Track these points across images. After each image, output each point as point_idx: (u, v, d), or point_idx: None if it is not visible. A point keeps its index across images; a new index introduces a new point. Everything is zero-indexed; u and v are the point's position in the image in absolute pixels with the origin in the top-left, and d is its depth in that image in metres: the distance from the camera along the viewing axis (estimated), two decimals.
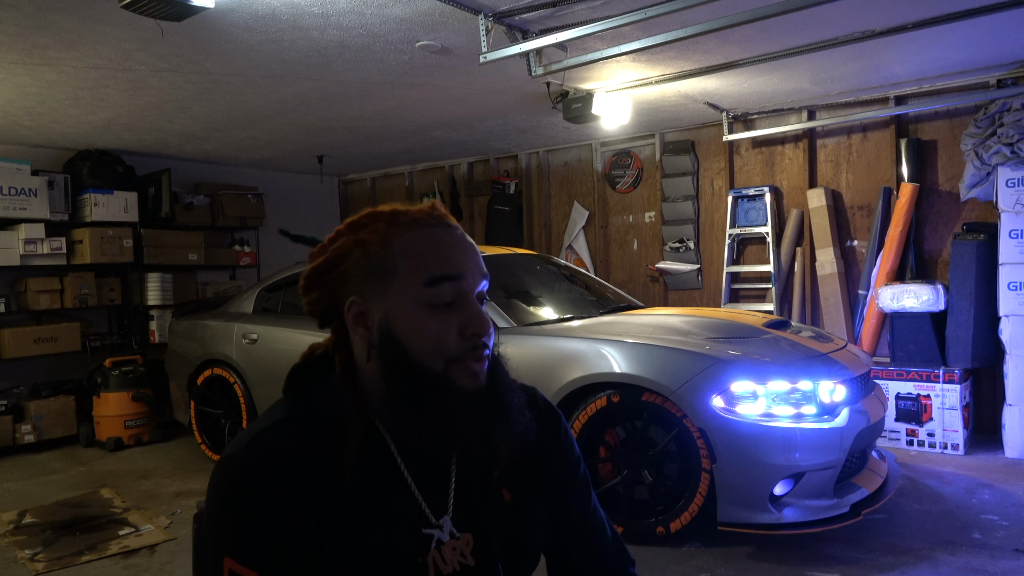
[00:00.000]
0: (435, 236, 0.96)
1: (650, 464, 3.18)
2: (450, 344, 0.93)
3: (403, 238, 0.96)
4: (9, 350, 5.36)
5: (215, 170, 7.05)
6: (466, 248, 0.98)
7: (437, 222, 0.98)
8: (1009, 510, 3.48)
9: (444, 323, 0.93)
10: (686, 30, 3.24)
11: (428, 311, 0.93)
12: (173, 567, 3.22)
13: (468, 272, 0.95)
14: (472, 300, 0.95)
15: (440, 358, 0.93)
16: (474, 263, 0.97)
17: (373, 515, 0.94)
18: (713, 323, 3.59)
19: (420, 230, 0.96)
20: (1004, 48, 4.16)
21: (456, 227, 1.00)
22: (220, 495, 0.93)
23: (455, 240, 0.97)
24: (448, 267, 0.94)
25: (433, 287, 0.93)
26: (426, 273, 0.93)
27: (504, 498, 1.03)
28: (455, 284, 0.94)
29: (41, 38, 3.39)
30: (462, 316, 0.94)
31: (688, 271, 6.05)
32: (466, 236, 1.00)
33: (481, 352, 0.95)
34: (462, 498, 1.00)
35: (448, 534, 0.98)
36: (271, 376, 4.50)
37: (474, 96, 4.77)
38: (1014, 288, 4.39)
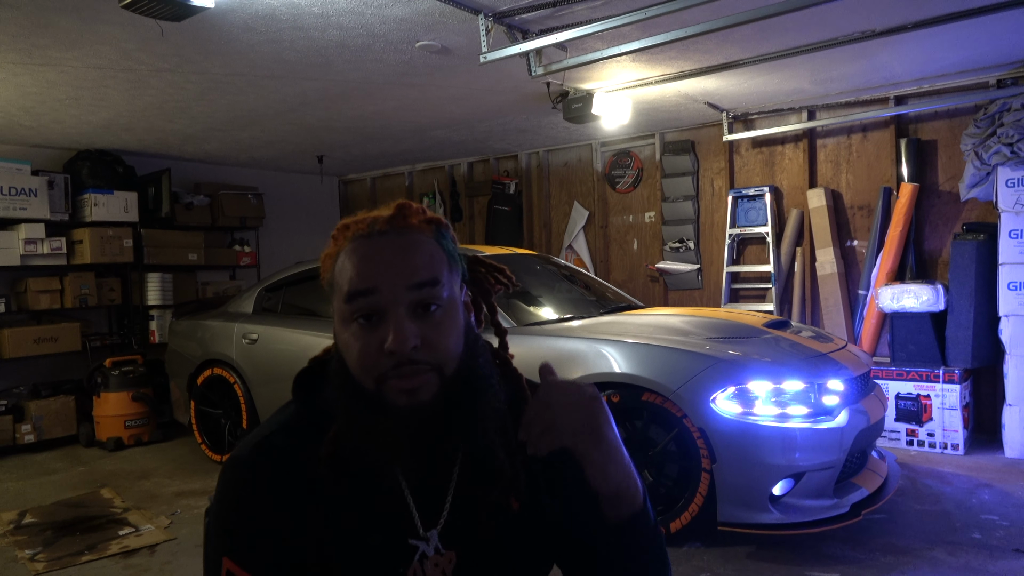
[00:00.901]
0: (361, 248, 0.92)
1: (650, 464, 3.18)
2: (370, 361, 0.89)
3: (344, 252, 0.93)
4: (9, 350, 5.36)
5: (215, 170, 7.05)
6: (388, 257, 0.90)
7: (371, 231, 0.92)
8: (1009, 510, 3.48)
9: (367, 339, 0.89)
10: (686, 30, 3.24)
11: (353, 328, 0.90)
12: (173, 567, 3.22)
13: (383, 285, 0.88)
14: (392, 315, 0.88)
15: (368, 377, 0.89)
16: (397, 272, 0.89)
17: (366, 521, 0.94)
18: (713, 323, 3.59)
19: (355, 242, 0.93)
20: (1004, 48, 4.16)
21: (390, 232, 0.92)
22: (225, 496, 0.95)
23: (378, 250, 0.91)
24: (360, 282, 0.89)
25: (350, 303, 0.90)
26: (345, 289, 0.91)
27: (512, 507, 0.98)
28: (368, 300, 0.89)
29: (41, 38, 3.39)
30: (381, 333, 0.88)
31: (688, 271, 6.05)
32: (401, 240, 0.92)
33: (406, 370, 0.88)
34: (457, 513, 0.97)
35: (433, 549, 0.95)
36: (271, 376, 4.50)
37: (474, 96, 4.77)
38: (1014, 288, 4.39)
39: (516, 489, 0.97)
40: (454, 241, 0.99)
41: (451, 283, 0.94)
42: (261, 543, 0.93)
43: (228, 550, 0.93)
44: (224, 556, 0.93)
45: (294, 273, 4.84)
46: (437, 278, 0.91)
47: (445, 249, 0.95)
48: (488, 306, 1.07)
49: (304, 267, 4.83)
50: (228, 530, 0.94)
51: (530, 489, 0.99)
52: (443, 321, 0.91)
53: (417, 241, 0.93)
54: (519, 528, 0.99)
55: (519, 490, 0.97)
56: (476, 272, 1.05)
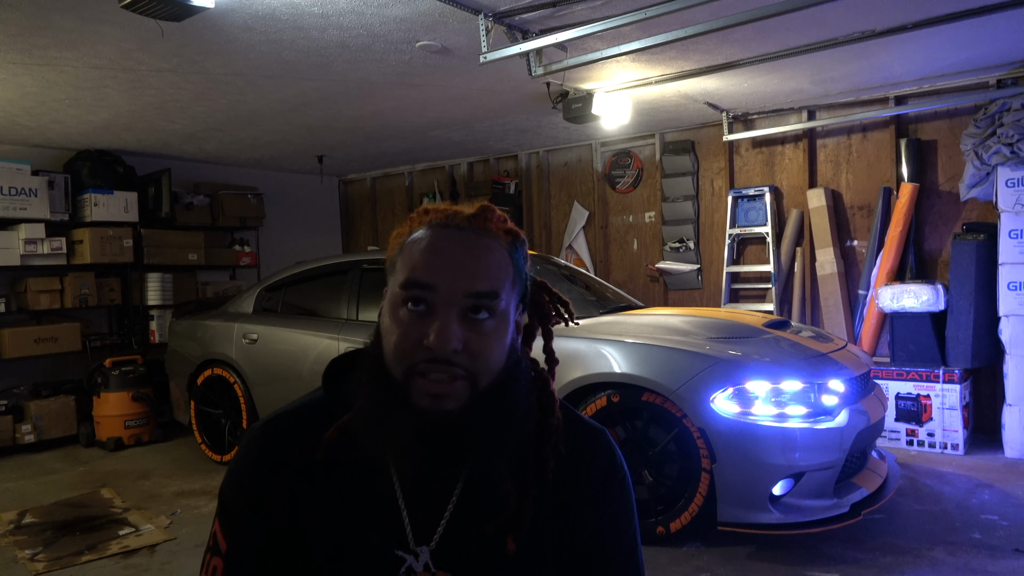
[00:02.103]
0: (433, 238, 0.90)
1: (650, 464, 3.18)
2: (406, 349, 0.86)
3: (413, 235, 0.92)
4: (9, 350, 5.36)
5: (215, 170, 7.05)
6: (457, 255, 0.88)
7: (450, 223, 0.91)
8: (1009, 510, 3.48)
9: (409, 328, 0.87)
10: (686, 30, 3.24)
11: (402, 312, 0.88)
12: (173, 567, 3.22)
13: (444, 282, 0.86)
14: (444, 313, 0.86)
15: (398, 364, 0.87)
16: (461, 274, 0.87)
17: (355, 519, 0.93)
18: (713, 323, 3.59)
19: (429, 229, 0.91)
20: (1004, 48, 4.16)
21: (468, 230, 0.90)
22: (234, 462, 1.00)
23: (450, 245, 0.89)
24: (421, 273, 0.87)
25: (406, 290, 0.88)
26: (406, 275, 0.88)
27: (507, 548, 0.91)
28: (423, 293, 0.87)
29: (41, 38, 3.39)
30: (425, 326, 0.86)
31: (688, 271, 6.05)
32: (476, 241, 0.90)
33: (440, 369, 0.85)
34: (452, 534, 0.92)
35: (423, 566, 0.91)
36: (271, 376, 4.50)
37: (474, 96, 4.77)
38: (1014, 288, 4.38)
39: (517, 527, 0.91)
40: (526, 258, 0.96)
41: (509, 298, 0.91)
42: (247, 517, 0.95)
43: (219, 513, 0.98)
44: (217, 518, 0.98)
45: (294, 273, 4.84)
46: (497, 291, 0.89)
47: (515, 263, 0.93)
48: (544, 332, 1.04)
49: (304, 267, 4.83)
50: (225, 495, 0.98)
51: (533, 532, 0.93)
52: (490, 333, 0.88)
53: (490, 247, 0.90)
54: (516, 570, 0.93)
55: (520, 528, 0.92)
56: (539, 297, 1.03)
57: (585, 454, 1.00)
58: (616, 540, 1.00)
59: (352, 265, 4.53)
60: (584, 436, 1.01)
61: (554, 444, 0.96)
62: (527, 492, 0.92)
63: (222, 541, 0.96)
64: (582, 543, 0.98)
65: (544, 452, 0.95)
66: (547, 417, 0.97)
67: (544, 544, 0.95)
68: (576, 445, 0.99)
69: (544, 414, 0.98)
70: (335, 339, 4.22)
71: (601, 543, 0.99)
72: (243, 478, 0.97)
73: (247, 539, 0.95)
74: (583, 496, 0.98)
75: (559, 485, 0.96)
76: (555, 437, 0.97)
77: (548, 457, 0.95)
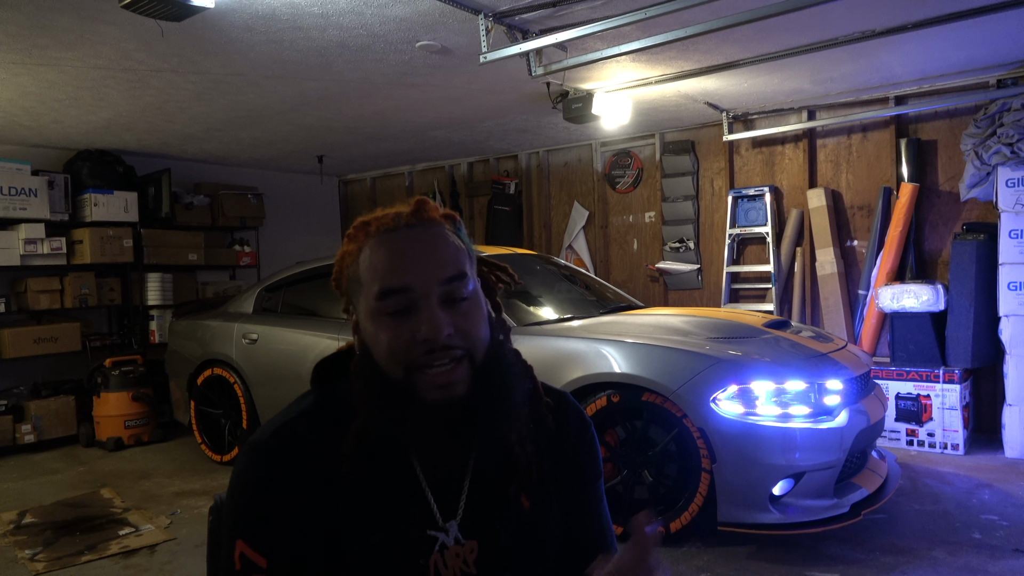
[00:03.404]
0: (389, 244, 0.93)
1: (650, 464, 3.18)
2: (400, 349, 0.90)
3: (368, 248, 0.95)
4: (9, 350, 5.36)
5: (215, 170, 7.05)
6: (418, 251, 0.93)
7: (396, 224, 0.94)
8: (1009, 510, 3.48)
9: (397, 330, 0.91)
10: (686, 30, 3.24)
11: (383, 321, 0.92)
12: (173, 567, 3.22)
13: (417, 279, 0.91)
14: (425, 306, 0.90)
15: (397, 365, 0.91)
16: (429, 267, 0.92)
17: (383, 512, 0.95)
18: (713, 323, 3.59)
19: (380, 236, 0.94)
20: (1004, 48, 4.16)
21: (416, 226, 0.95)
22: (241, 481, 0.97)
23: (408, 245, 0.93)
24: (393, 278, 0.91)
25: (383, 300, 0.91)
26: (377, 286, 0.92)
27: (523, 505, 1.00)
28: (401, 297, 0.91)
29: (41, 38, 3.39)
30: (413, 324, 0.90)
31: (688, 271, 6.05)
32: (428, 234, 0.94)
33: (440, 357, 0.90)
34: (474, 504, 0.99)
35: (453, 539, 0.97)
36: (271, 376, 4.50)
37: (474, 96, 4.77)
38: (1014, 288, 4.38)
39: (529, 483, 0.99)
40: (467, 235, 1.02)
41: (472, 275, 0.97)
42: (277, 527, 0.94)
43: (243, 533, 0.94)
44: (239, 539, 0.94)
45: (294, 273, 4.84)
46: (464, 272, 0.94)
47: (464, 242, 0.98)
48: (492, 304, 1.07)
49: (304, 267, 4.83)
50: (244, 513, 0.95)
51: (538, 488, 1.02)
52: (471, 311, 0.94)
53: (442, 234, 0.95)
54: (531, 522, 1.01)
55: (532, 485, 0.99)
56: (479, 271, 1.07)
57: (560, 416, 1.08)
58: (594, 484, 1.11)
59: None
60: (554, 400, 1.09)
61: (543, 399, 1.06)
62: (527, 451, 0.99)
63: (258, 558, 0.93)
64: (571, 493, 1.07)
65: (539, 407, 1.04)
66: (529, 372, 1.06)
67: (548, 497, 1.03)
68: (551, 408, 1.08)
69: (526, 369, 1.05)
70: (335, 339, 4.22)
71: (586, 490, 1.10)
72: (263, 492, 0.95)
73: (284, 550, 0.93)
74: (567, 449, 1.08)
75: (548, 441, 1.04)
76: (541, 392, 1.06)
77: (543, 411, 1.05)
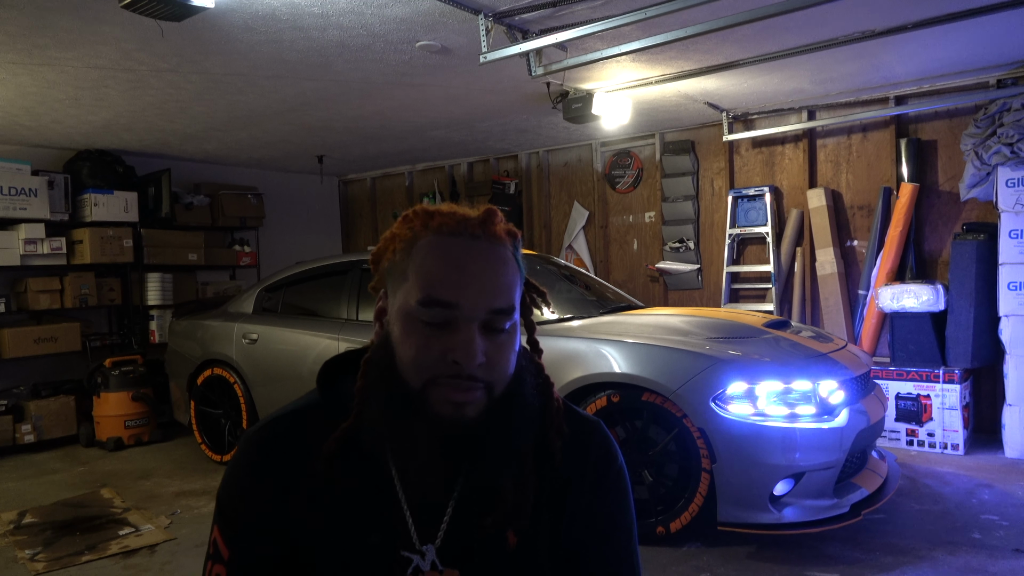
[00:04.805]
0: (448, 249, 0.87)
1: (650, 464, 3.18)
2: (428, 362, 0.86)
3: (423, 243, 0.89)
4: (9, 350, 5.36)
5: (215, 170, 7.05)
6: (477, 270, 0.87)
7: (462, 231, 0.88)
8: (1009, 510, 3.48)
9: (429, 341, 0.86)
10: (686, 30, 3.24)
11: (419, 325, 0.87)
12: (173, 567, 3.22)
13: (467, 300, 0.85)
14: (465, 328, 0.85)
15: (418, 375, 0.87)
16: (483, 290, 0.86)
17: (358, 522, 0.92)
18: (713, 323, 3.59)
19: (440, 237, 0.88)
20: (1004, 48, 4.16)
21: (482, 239, 0.88)
22: (230, 468, 0.98)
23: (468, 259, 0.87)
24: (444, 291, 0.85)
25: (426, 307, 0.86)
26: (424, 291, 0.86)
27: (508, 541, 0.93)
28: (446, 312, 0.86)
29: (41, 38, 3.39)
30: (448, 340, 0.85)
31: (688, 271, 6.05)
32: (492, 253, 0.88)
33: (462, 381, 0.86)
34: (456, 530, 0.93)
35: (430, 564, 0.91)
36: (271, 376, 4.50)
37: (474, 96, 4.77)
38: (1014, 288, 4.38)
39: (517, 519, 0.92)
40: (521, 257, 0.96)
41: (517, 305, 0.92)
42: (249, 520, 0.94)
43: (219, 520, 0.96)
44: (215, 524, 0.97)
45: (294, 273, 4.84)
46: (514, 305, 0.89)
47: (519, 265, 0.93)
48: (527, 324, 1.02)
49: (304, 267, 4.83)
50: (224, 501, 0.97)
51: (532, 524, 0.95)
52: (506, 343, 0.89)
53: (504, 258, 0.90)
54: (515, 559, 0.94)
55: (520, 521, 0.93)
56: None
57: (581, 445, 1.00)
58: (613, 531, 1.01)
59: (352, 265, 4.53)
60: (580, 428, 1.01)
61: (558, 427, 0.97)
62: (526, 483, 0.92)
63: (223, 548, 0.94)
64: (580, 534, 0.98)
65: (550, 436, 0.96)
66: (548, 401, 0.98)
67: (543, 536, 0.96)
68: (572, 436, 0.99)
69: (545, 399, 0.98)
70: (335, 339, 4.22)
71: (598, 534, 0.99)
72: (242, 484, 0.95)
73: (249, 545, 0.94)
74: (580, 487, 0.98)
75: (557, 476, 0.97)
76: (558, 420, 0.98)
77: (555, 440, 0.97)
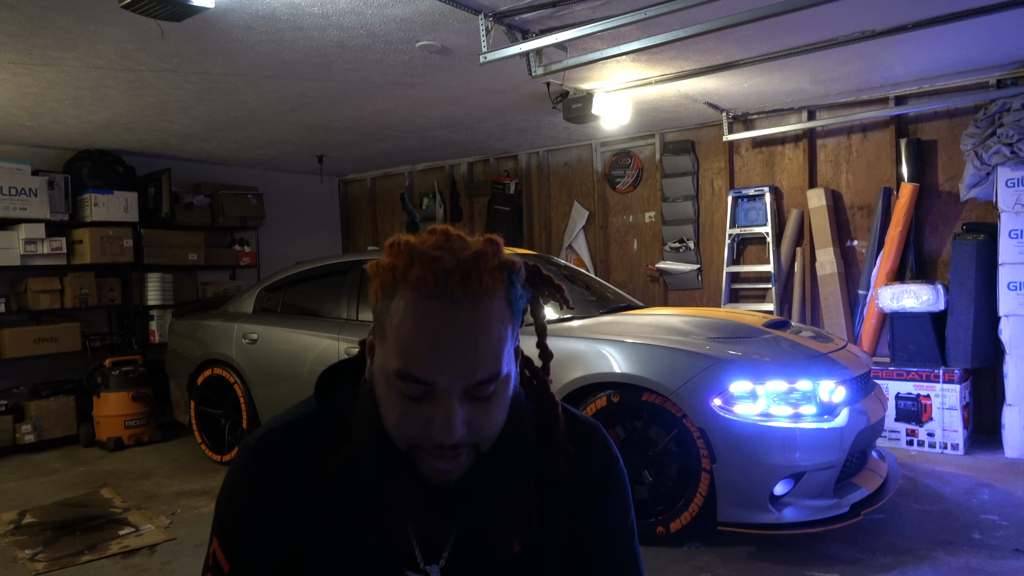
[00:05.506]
0: (425, 319, 0.80)
1: (650, 464, 3.18)
2: (408, 432, 0.84)
3: (402, 300, 0.82)
4: (9, 350, 5.36)
5: (215, 170, 7.05)
6: (455, 344, 0.80)
7: (441, 293, 0.80)
8: (1009, 510, 3.48)
9: (408, 410, 0.83)
10: (686, 30, 3.24)
11: (396, 394, 0.84)
12: (173, 567, 3.22)
13: (444, 378, 0.81)
14: (443, 400, 0.81)
15: (401, 440, 0.85)
16: (461, 366, 0.81)
17: (360, 540, 0.91)
18: (713, 323, 3.59)
19: (418, 298, 0.81)
20: (1004, 48, 4.16)
21: (463, 303, 0.80)
22: (229, 478, 0.96)
23: (446, 331, 0.80)
24: (418, 367, 0.80)
25: (403, 380, 0.82)
26: (401, 362, 0.81)
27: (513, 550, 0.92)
28: (423, 387, 0.82)
29: (41, 38, 3.39)
30: (428, 412, 0.82)
31: (688, 271, 6.05)
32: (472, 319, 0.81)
33: (445, 451, 0.83)
34: (461, 549, 0.92)
35: None
36: (271, 376, 4.50)
37: (474, 96, 4.77)
38: (1014, 288, 4.38)
39: (523, 533, 0.91)
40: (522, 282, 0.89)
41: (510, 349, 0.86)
42: (249, 533, 0.93)
43: (219, 531, 0.95)
44: (215, 535, 0.95)
45: (294, 273, 4.84)
46: (499, 372, 0.83)
47: (512, 304, 0.85)
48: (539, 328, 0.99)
49: (304, 267, 4.83)
50: (223, 512, 0.95)
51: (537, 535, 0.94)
52: (492, 405, 0.85)
53: (489, 317, 0.82)
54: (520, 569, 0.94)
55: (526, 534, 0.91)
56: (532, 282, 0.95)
57: (582, 451, 0.99)
58: (616, 535, 1.01)
59: (352, 265, 4.53)
60: (580, 433, 1.00)
61: (564, 449, 0.96)
62: (530, 503, 0.91)
63: (223, 561, 0.93)
64: (583, 539, 0.99)
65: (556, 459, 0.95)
66: (552, 424, 0.97)
67: (548, 545, 0.96)
68: (573, 443, 0.98)
69: (548, 420, 0.97)
70: (335, 339, 4.22)
71: (601, 537, 1.00)
72: (242, 497, 0.94)
73: (250, 559, 0.93)
74: (582, 493, 0.99)
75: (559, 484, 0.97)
76: (563, 441, 0.96)
77: (560, 461, 0.96)
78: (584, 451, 1.00)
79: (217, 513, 0.96)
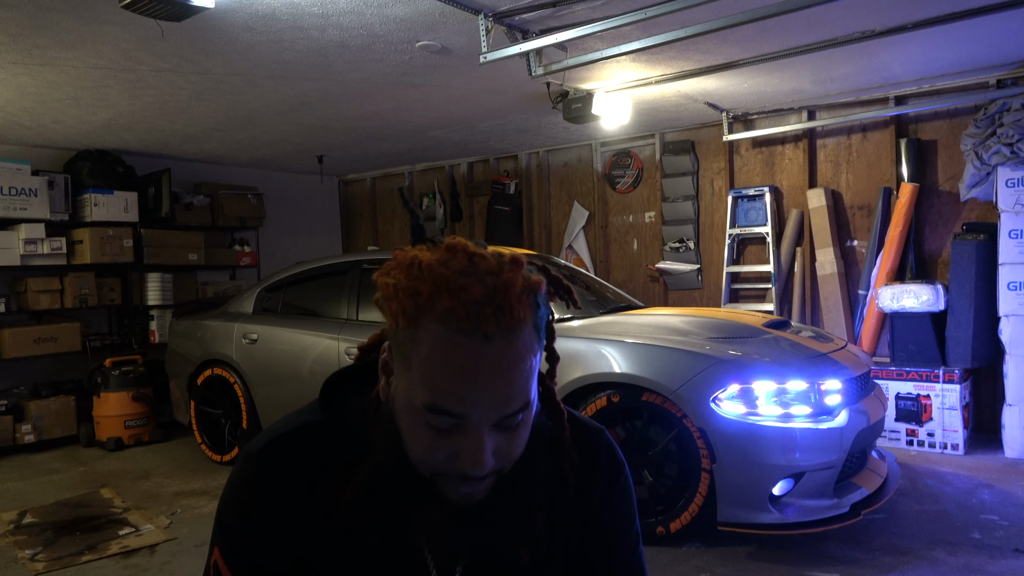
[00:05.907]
0: (457, 354, 0.77)
1: (650, 464, 3.18)
2: (434, 462, 0.83)
3: (428, 331, 0.78)
4: (9, 350, 5.36)
5: (215, 170, 7.05)
6: (488, 380, 0.78)
7: (474, 329, 0.76)
8: (1009, 510, 3.48)
9: (436, 442, 0.82)
10: (686, 30, 3.24)
11: (424, 426, 0.82)
12: (173, 567, 3.22)
13: (477, 412, 0.79)
14: (473, 434, 0.80)
15: (425, 468, 0.84)
16: (496, 399, 0.79)
17: (372, 555, 0.90)
18: (713, 323, 3.59)
19: (447, 331, 0.77)
20: (1004, 48, 4.16)
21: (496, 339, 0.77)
22: (231, 487, 0.94)
23: (480, 368, 0.77)
24: (452, 403, 0.79)
25: (433, 413, 0.80)
26: (430, 397, 0.79)
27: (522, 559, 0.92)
28: (455, 420, 0.80)
29: (41, 38, 3.39)
30: (456, 445, 0.81)
31: (688, 271, 6.05)
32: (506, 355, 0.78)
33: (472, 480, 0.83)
34: (476, 562, 0.92)
35: None
36: (271, 376, 4.50)
37: (474, 96, 4.77)
38: (1014, 288, 4.38)
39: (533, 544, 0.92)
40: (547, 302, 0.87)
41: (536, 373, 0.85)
42: (252, 545, 0.91)
43: (220, 541, 0.93)
44: (216, 545, 0.93)
45: (294, 273, 4.84)
46: (529, 401, 0.83)
47: (538, 328, 0.83)
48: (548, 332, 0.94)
49: (304, 267, 4.83)
50: (225, 522, 0.93)
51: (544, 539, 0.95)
52: (519, 432, 0.85)
53: (521, 350, 0.79)
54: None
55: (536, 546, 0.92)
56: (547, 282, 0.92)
57: (587, 456, 0.99)
58: (623, 540, 1.02)
59: (352, 265, 4.53)
60: (585, 437, 1.00)
61: (571, 460, 0.96)
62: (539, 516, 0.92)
63: (225, 571, 0.91)
64: (590, 544, 0.99)
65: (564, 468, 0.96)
66: (559, 433, 0.97)
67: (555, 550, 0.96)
68: (578, 448, 0.98)
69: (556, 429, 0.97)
70: (335, 339, 4.22)
71: (607, 544, 1.00)
72: (244, 508, 0.92)
73: (253, 570, 0.91)
74: (588, 497, 0.99)
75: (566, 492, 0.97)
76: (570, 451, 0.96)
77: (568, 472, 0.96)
78: (590, 456, 1.00)
79: (219, 522, 0.94)
